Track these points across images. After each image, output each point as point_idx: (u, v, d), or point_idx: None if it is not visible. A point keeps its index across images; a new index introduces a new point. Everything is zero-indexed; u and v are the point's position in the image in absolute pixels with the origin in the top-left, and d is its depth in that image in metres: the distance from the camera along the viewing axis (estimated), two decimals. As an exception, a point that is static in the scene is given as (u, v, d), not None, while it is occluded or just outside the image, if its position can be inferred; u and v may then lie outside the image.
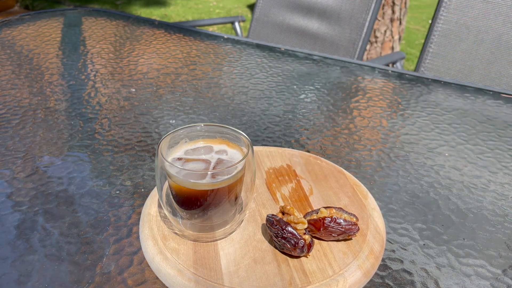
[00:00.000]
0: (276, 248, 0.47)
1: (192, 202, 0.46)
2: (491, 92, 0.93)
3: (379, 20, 2.58)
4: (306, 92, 0.91)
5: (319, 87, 0.93)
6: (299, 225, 0.46)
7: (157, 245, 0.47)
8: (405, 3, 2.59)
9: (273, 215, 0.47)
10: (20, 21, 1.24)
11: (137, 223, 0.52)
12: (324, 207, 0.49)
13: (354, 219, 0.48)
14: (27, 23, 1.23)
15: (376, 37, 2.64)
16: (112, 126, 0.74)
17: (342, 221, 0.47)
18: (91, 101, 0.82)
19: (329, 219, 0.47)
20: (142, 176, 0.61)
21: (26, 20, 1.25)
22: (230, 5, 4.45)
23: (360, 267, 0.45)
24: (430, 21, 1.29)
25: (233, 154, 0.49)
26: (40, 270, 0.45)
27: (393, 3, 2.53)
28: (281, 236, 0.45)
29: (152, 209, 0.52)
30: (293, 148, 0.70)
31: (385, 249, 0.50)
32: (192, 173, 0.45)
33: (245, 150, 0.49)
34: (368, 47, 2.68)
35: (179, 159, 0.48)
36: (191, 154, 0.49)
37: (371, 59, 2.65)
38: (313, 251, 0.47)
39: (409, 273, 0.47)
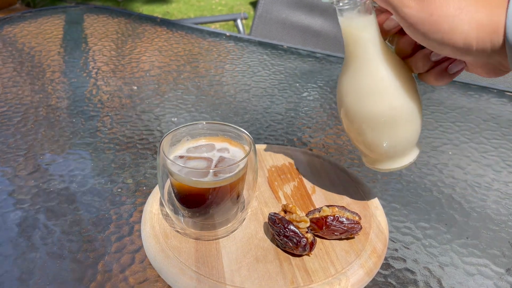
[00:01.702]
0: (278, 246, 0.47)
1: (194, 200, 0.46)
2: (495, 90, 0.92)
3: (382, 18, 2.56)
4: (308, 90, 0.91)
5: (321, 85, 0.93)
6: (301, 223, 0.45)
7: (158, 243, 0.47)
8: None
9: (275, 213, 0.47)
10: (22, 18, 1.24)
11: (138, 221, 0.52)
12: (326, 206, 0.49)
13: (357, 218, 0.48)
14: (28, 21, 1.23)
15: (378, 34, 2.62)
16: (114, 124, 0.74)
17: (344, 219, 0.47)
18: (93, 99, 0.82)
19: (332, 217, 0.47)
20: (144, 174, 0.61)
21: (27, 18, 1.25)
22: (232, 2, 4.44)
23: (363, 266, 0.45)
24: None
25: (235, 152, 0.49)
26: (42, 268, 0.45)
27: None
28: (283, 235, 0.45)
29: (154, 207, 0.52)
30: (295, 146, 0.70)
31: (388, 248, 0.50)
32: (194, 171, 0.45)
33: (247, 148, 0.48)
34: (370, 44, 2.66)
35: (181, 157, 0.48)
36: (193, 152, 0.49)
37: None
38: (315, 250, 0.47)
39: (412, 272, 0.47)
